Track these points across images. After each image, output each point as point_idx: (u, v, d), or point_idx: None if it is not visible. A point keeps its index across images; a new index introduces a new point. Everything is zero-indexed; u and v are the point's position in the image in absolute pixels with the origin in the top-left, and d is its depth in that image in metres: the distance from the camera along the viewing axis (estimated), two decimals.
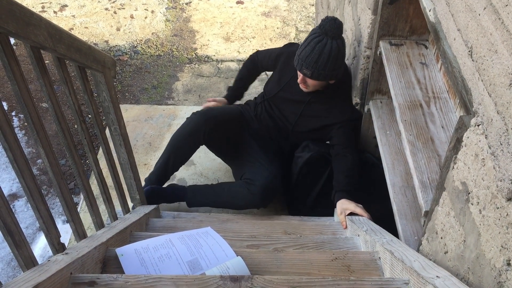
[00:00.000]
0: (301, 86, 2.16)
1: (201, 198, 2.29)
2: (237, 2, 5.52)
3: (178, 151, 2.30)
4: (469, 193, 0.98)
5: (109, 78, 1.64)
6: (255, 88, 3.70)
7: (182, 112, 3.22)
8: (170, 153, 2.31)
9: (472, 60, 0.99)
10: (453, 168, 1.07)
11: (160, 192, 2.29)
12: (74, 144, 1.36)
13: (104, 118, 1.79)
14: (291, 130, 2.33)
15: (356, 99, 2.23)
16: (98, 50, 1.57)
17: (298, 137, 2.34)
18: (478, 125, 0.95)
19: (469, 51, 1.01)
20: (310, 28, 5.31)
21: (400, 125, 1.59)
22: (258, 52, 2.61)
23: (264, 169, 2.25)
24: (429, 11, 1.33)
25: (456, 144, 1.06)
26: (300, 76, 2.10)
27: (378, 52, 1.93)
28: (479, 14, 0.96)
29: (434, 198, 1.20)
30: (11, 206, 3.27)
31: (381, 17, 1.85)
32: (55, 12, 5.06)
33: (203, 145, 2.37)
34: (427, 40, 1.90)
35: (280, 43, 5.04)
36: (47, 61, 4.01)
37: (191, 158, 2.63)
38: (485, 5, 0.93)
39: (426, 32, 1.88)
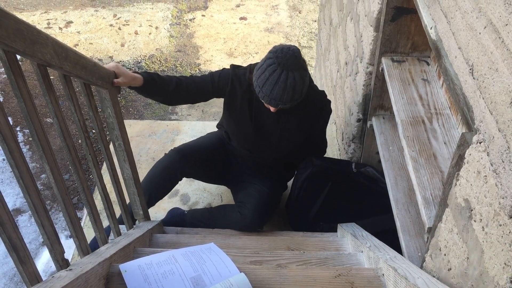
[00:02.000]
0: (272, 110, 2.00)
1: (200, 223, 2.32)
2: (241, 18, 5.58)
3: (156, 188, 2.24)
4: (472, 210, 0.99)
5: (114, 94, 1.66)
6: None
7: (186, 128, 3.24)
8: (150, 191, 2.23)
9: (473, 78, 1.00)
10: (456, 185, 1.08)
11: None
12: (79, 160, 1.37)
13: (108, 133, 1.81)
14: (276, 153, 2.29)
15: (359, 115, 2.24)
16: (103, 67, 1.59)
17: (287, 154, 2.32)
18: (480, 143, 0.96)
19: (470, 69, 1.02)
20: (313, 44, 5.35)
21: (403, 141, 1.60)
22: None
23: (254, 191, 2.24)
24: (431, 29, 1.34)
25: (459, 161, 1.07)
26: (273, 109, 1.97)
27: (380, 69, 1.95)
28: (480, 33, 0.97)
29: (437, 215, 1.21)
30: (15, 221, 3.27)
31: (383, 34, 1.86)
32: (60, 28, 5.12)
33: None
34: (428, 57, 1.92)
35: None
36: (52, 76, 4.03)
37: None
38: (485, 24, 0.95)
39: (427, 49, 1.90)
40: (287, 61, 1.79)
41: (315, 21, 5.69)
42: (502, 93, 0.86)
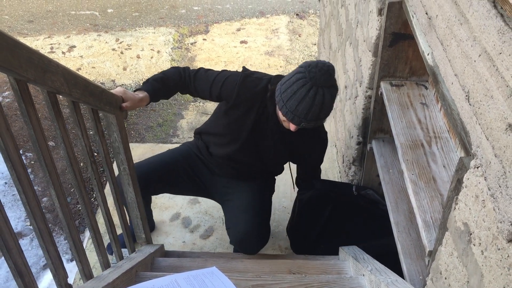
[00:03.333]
0: (288, 127, 1.87)
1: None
2: (241, 42, 5.66)
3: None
4: (471, 234, 1.00)
5: (121, 119, 1.69)
6: None
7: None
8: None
9: (470, 104, 1.03)
10: (455, 208, 1.10)
11: None
12: (85, 185, 1.39)
13: (113, 157, 1.83)
14: (264, 167, 2.18)
15: (359, 138, 2.27)
16: (110, 93, 1.62)
17: (275, 165, 2.23)
18: (477, 167, 0.98)
19: (466, 96, 1.05)
20: None
21: (402, 164, 1.62)
22: (198, 73, 2.03)
23: (238, 218, 2.08)
24: (428, 55, 1.38)
25: (457, 185, 1.09)
26: (293, 128, 1.82)
27: (379, 93, 1.98)
28: (475, 61, 1.01)
29: (437, 238, 1.22)
30: None
31: (382, 59, 1.91)
32: (63, 52, 5.19)
33: None
34: (426, 81, 1.96)
35: None
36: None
37: (195, 197, 2.66)
38: (480, 52, 0.98)
39: (425, 73, 1.94)
40: (320, 76, 1.67)
41: (315, 44, 5.77)
42: (497, 120, 0.89)
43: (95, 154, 3.57)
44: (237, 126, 2.01)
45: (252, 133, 2.01)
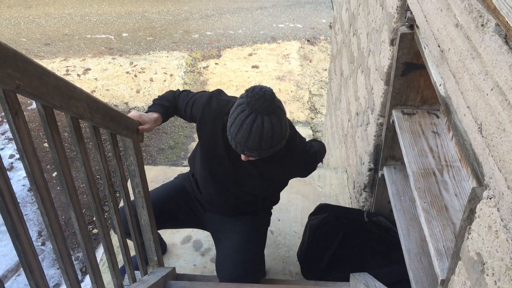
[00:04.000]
0: (243, 159, 1.73)
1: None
2: (253, 67, 5.75)
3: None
4: (484, 263, 1.02)
5: (137, 143, 1.73)
6: None
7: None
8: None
9: (482, 136, 1.06)
10: (468, 238, 1.11)
11: None
12: (102, 207, 1.42)
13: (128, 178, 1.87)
14: (253, 198, 2.07)
15: (370, 165, 2.29)
16: (128, 117, 1.67)
17: (260, 193, 2.08)
18: (490, 198, 1.00)
19: (478, 128, 1.08)
20: (323, 92, 5.48)
21: (414, 192, 1.64)
22: (184, 96, 2.01)
23: (226, 262, 2.02)
24: (440, 85, 1.41)
25: (470, 215, 1.10)
26: (243, 157, 1.71)
27: (391, 120, 2.01)
28: (487, 94, 1.04)
29: (450, 267, 1.23)
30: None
31: (393, 87, 1.94)
32: (78, 75, 5.31)
33: None
34: (438, 110, 1.98)
35: (294, 106, 5.20)
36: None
37: None
38: (492, 86, 1.01)
39: (437, 102, 1.97)
40: (255, 102, 1.53)
41: (325, 70, 5.84)
42: (510, 152, 0.91)
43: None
44: (206, 160, 1.94)
45: (227, 159, 1.89)
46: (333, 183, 2.99)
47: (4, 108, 0.92)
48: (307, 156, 1.91)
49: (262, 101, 1.53)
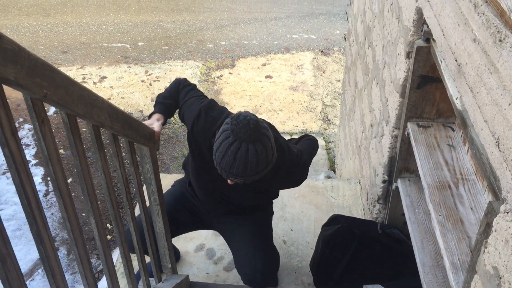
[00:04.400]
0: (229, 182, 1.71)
1: None
2: (266, 77, 5.78)
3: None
4: (501, 278, 1.02)
5: (154, 151, 1.76)
6: None
7: None
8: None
9: (500, 151, 1.06)
10: (484, 252, 1.11)
11: None
12: (120, 214, 1.44)
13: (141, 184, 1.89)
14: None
15: (384, 176, 2.29)
16: (145, 126, 1.70)
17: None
18: (507, 212, 1.00)
19: (496, 142, 1.08)
20: (336, 102, 5.48)
21: (430, 205, 1.64)
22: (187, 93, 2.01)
23: (244, 260, 2.09)
24: (456, 99, 1.42)
25: (486, 229, 1.10)
26: (229, 181, 1.68)
27: (406, 133, 2.01)
28: (505, 109, 1.04)
29: (466, 281, 1.23)
30: (40, 269, 3.34)
31: (409, 100, 1.95)
32: (94, 83, 5.38)
33: None
34: (453, 123, 1.99)
35: (307, 117, 5.21)
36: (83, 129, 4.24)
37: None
38: (510, 101, 1.02)
39: (452, 115, 1.97)
40: (240, 130, 1.50)
41: (339, 81, 5.85)
42: None
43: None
44: (201, 169, 1.95)
45: (217, 176, 1.77)
46: (346, 194, 2.99)
47: (31, 115, 0.95)
48: (297, 168, 1.89)
49: (246, 129, 1.50)
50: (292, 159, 1.85)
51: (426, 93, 1.92)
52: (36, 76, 0.88)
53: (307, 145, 2.03)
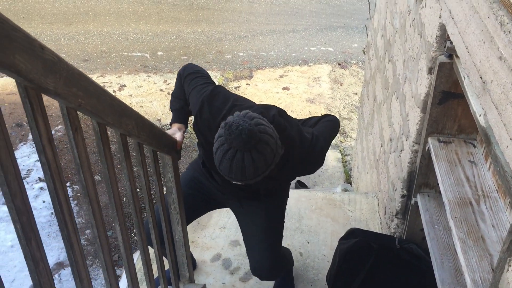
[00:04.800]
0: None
1: None
2: (283, 88, 5.81)
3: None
4: None
5: (176, 161, 1.78)
6: None
7: None
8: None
9: None
10: (508, 270, 1.11)
11: None
12: (143, 222, 1.47)
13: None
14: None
15: (403, 191, 2.29)
16: (169, 135, 1.72)
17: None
18: None
19: None
20: (353, 115, 5.48)
21: (451, 221, 1.63)
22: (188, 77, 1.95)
23: (251, 252, 2.12)
24: (480, 116, 1.42)
25: (510, 247, 1.10)
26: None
27: (426, 148, 2.01)
28: None
29: None
30: (57, 274, 3.37)
31: (430, 115, 1.95)
32: (114, 91, 5.46)
33: None
34: (475, 139, 1.98)
35: None
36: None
37: (237, 238, 2.71)
38: None
39: (474, 132, 1.96)
40: (233, 139, 1.44)
41: (356, 94, 5.85)
42: None
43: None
44: (209, 158, 1.83)
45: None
46: (364, 207, 2.98)
47: (65, 124, 0.98)
48: (311, 157, 1.78)
49: (239, 140, 1.43)
50: (304, 148, 1.75)
51: (448, 109, 1.92)
52: (72, 86, 0.91)
53: (326, 127, 1.93)
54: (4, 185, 0.79)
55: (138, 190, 1.53)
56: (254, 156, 1.46)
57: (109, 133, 1.19)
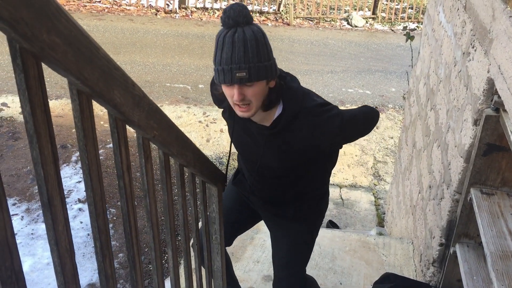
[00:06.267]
0: (240, 111, 1.61)
1: None
2: None
3: None
4: None
5: (221, 192, 1.85)
6: None
7: (265, 227, 3.36)
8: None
9: None
10: None
11: None
12: (177, 248, 1.52)
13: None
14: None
15: (441, 239, 2.28)
16: (215, 166, 1.80)
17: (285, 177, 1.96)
18: None
19: None
20: (388, 159, 5.47)
21: (492, 273, 1.63)
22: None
23: (274, 268, 2.20)
24: None
25: None
26: (236, 93, 1.55)
27: (468, 198, 2.02)
28: None
29: None
30: None
31: (474, 166, 1.96)
32: None
33: None
34: None
35: (357, 171, 5.21)
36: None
37: (270, 273, 2.72)
38: None
39: None
40: (229, 19, 1.49)
41: (392, 138, 5.86)
42: None
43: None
44: (237, 140, 1.92)
45: (250, 140, 1.82)
46: (398, 253, 2.96)
47: (139, 153, 1.06)
48: (325, 122, 1.72)
49: (235, 14, 1.49)
50: (311, 107, 1.73)
51: (492, 161, 1.93)
52: (151, 119, 1.00)
53: (357, 108, 1.90)
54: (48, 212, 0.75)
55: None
56: (253, 29, 1.52)
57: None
